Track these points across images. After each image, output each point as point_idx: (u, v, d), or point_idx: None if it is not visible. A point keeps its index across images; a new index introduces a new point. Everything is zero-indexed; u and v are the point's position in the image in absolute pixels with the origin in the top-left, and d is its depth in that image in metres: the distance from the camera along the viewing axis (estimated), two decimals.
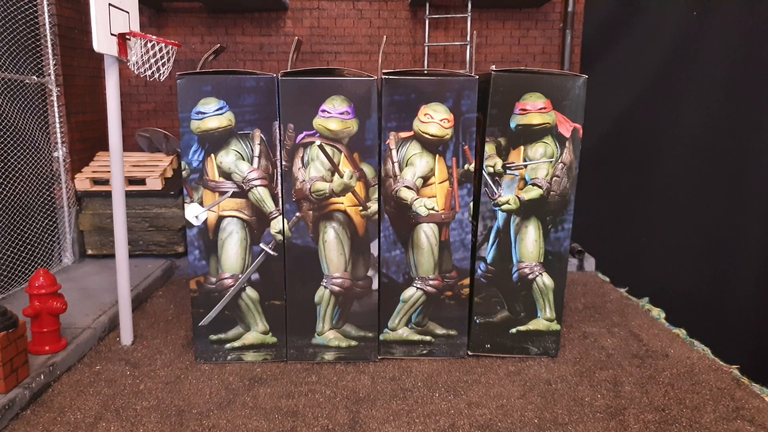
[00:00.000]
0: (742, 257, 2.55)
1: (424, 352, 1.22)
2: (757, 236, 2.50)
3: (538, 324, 1.28)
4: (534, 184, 1.25)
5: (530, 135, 1.23)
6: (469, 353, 1.30)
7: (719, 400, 0.95)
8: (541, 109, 1.22)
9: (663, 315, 1.49)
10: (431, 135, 1.15)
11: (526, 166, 1.25)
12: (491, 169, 1.25)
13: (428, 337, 1.21)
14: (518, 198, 1.26)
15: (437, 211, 1.18)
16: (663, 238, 2.60)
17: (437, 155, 1.16)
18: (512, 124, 1.23)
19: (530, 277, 1.26)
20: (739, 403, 0.94)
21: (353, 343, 1.14)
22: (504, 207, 1.26)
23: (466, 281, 1.22)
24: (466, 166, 1.18)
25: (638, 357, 1.14)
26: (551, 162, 1.23)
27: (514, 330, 1.28)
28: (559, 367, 1.12)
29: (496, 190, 1.26)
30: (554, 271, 1.26)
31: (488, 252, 1.27)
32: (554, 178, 1.24)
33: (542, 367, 1.11)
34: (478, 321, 1.30)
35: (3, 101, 1.71)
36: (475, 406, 0.96)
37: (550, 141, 1.23)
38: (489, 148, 1.24)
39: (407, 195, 1.17)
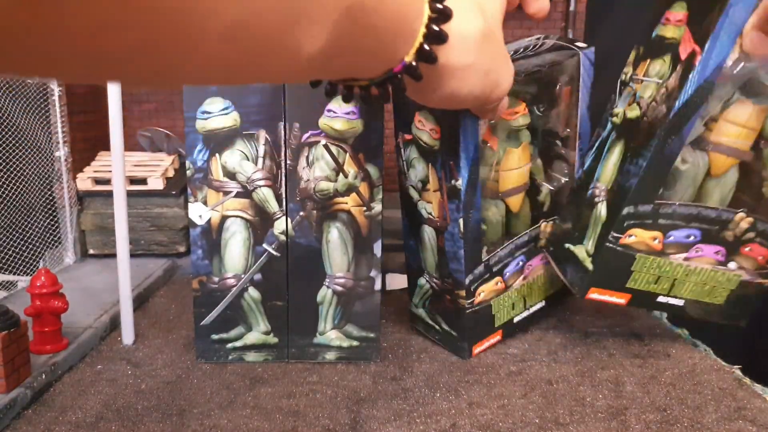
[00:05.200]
0: None
1: (437, 337, 1.19)
2: None
3: (580, 250, 1.07)
4: (638, 103, 1.03)
5: (658, 49, 1.01)
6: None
7: (721, 401, 0.95)
8: (678, 21, 0.97)
9: (665, 315, 1.49)
10: (424, 142, 1.05)
11: (641, 81, 1.04)
12: (624, 77, 1.08)
13: (437, 326, 1.20)
14: (624, 113, 1.06)
15: (433, 217, 1.15)
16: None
17: (429, 163, 1.06)
18: (653, 34, 1.02)
19: (596, 200, 1.05)
20: (741, 404, 0.94)
21: (355, 343, 1.13)
22: (612, 119, 1.08)
23: (462, 292, 1.08)
24: (452, 182, 1.02)
25: (640, 357, 1.13)
26: (658, 84, 0.99)
27: (566, 246, 1.10)
28: (561, 367, 1.11)
29: (616, 100, 1.09)
30: (612, 204, 1.00)
31: (587, 160, 1.10)
32: (652, 103, 0.99)
33: (543, 367, 1.11)
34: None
35: (5, 101, 1.71)
36: (476, 406, 0.96)
37: (667, 60, 0.99)
38: (632, 55, 1.08)
39: (413, 194, 1.15)
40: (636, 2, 2.32)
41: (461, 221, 1.03)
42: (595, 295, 0.99)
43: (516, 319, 1.15)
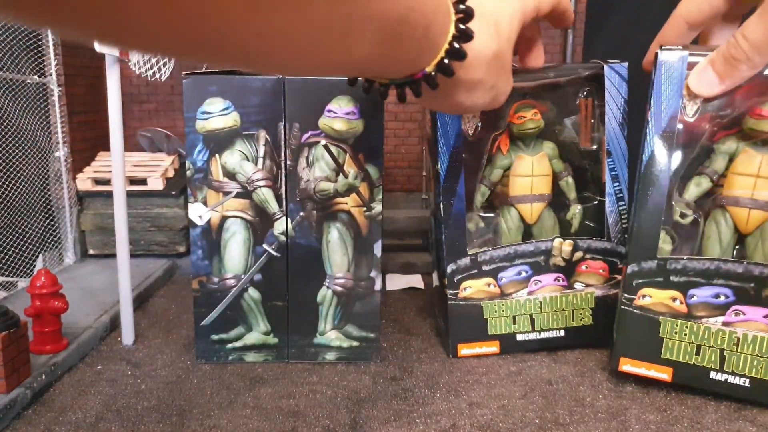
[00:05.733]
0: None
1: (442, 336, 1.21)
2: None
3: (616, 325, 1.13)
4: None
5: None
6: None
7: (721, 401, 0.95)
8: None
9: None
10: (426, 134, 1.07)
11: None
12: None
13: (441, 322, 1.19)
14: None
15: (432, 206, 1.17)
16: None
17: (430, 155, 1.15)
18: None
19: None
20: (741, 404, 0.94)
21: (354, 343, 1.13)
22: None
23: (445, 281, 1.09)
24: (435, 166, 1.07)
25: None
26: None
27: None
28: (560, 367, 1.11)
29: None
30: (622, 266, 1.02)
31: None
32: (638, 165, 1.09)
33: (543, 367, 1.11)
34: None
35: (5, 101, 1.71)
36: (476, 406, 0.96)
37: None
38: None
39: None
40: (637, 2, 2.31)
41: (441, 206, 1.05)
42: (628, 366, 0.91)
43: (520, 338, 1.11)
